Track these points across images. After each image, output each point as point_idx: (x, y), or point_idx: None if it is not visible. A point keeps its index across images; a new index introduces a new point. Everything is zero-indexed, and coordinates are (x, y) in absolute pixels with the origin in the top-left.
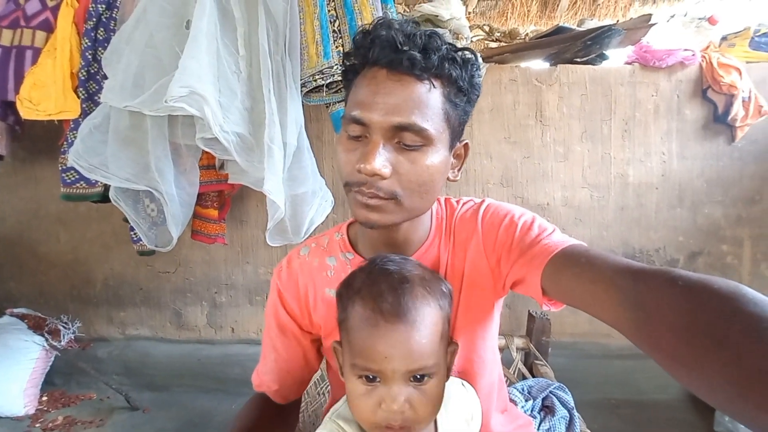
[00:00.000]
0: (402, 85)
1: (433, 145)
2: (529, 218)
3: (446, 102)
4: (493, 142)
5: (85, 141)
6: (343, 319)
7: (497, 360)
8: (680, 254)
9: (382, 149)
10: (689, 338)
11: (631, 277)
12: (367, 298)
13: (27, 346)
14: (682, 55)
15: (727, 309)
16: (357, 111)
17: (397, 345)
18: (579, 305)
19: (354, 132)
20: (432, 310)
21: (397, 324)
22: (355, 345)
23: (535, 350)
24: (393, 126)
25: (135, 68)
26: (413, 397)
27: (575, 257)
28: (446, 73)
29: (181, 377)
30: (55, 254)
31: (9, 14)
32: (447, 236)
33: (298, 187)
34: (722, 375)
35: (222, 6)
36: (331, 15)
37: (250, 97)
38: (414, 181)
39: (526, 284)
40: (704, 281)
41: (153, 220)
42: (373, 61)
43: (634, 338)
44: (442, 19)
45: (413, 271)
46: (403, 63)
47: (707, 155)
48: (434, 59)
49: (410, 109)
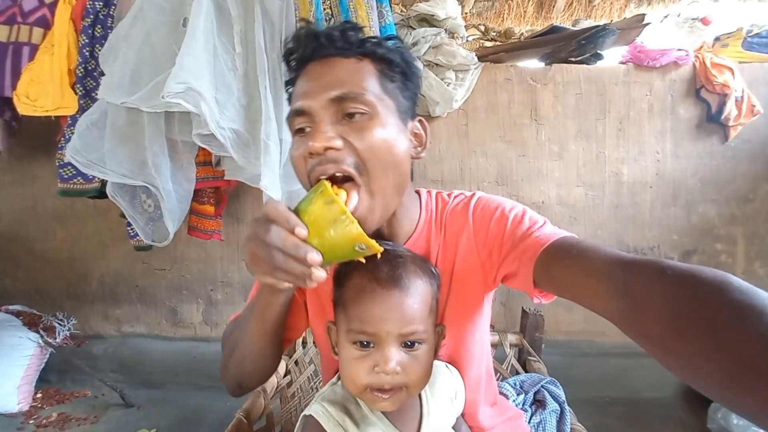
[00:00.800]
0: (329, 65)
1: (378, 115)
2: (520, 211)
3: (379, 74)
4: (489, 141)
5: (82, 137)
6: (340, 295)
7: (486, 353)
8: (675, 253)
9: (326, 126)
10: (678, 326)
11: (622, 268)
12: (364, 270)
13: (22, 343)
14: (675, 55)
15: (715, 297)
16: (295, 103)
17: (392, 308)
18: (571, 296)
19: (297, 124)
20: (423, 283)
21: (392, 289)
22: (352, 312)
23: (528, 346)
24: (330, 100)
25: (132, 65)
26: (405, 361)
27: (567, 249)
28: (370, 49)
29: (176, 374)
30: (52, 251)
31: (5, 10)
32: (438, 229)
33: (294, 183)
34: (710, 362)
35: (219, 4)
36: (327, 13)
37: (247, 94)
38: (371, 148)
39: (518, 277)
40: (692, 270)
41: (150, 216)
42: (303, 61)
43: (624, 327)
44: (438, 18)
45: (406, 251)
46: (324, 45)
47: (701, 154)
48: (353, 36)
49: (342, 80)
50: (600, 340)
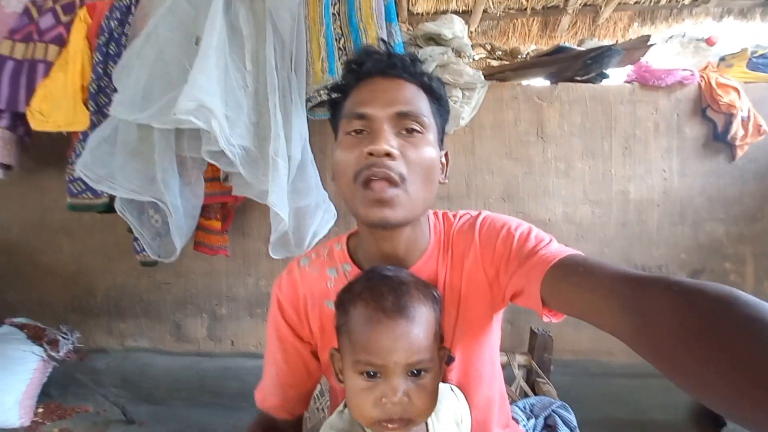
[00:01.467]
0: (396, 84)
1: (428, 134)
2: (526, 229)
3: (430, 103)
4: (495, 158)
5: (93, 152)
6: (344, 323)
7: (497, 375)
8: (683, 271)
9: (389, 135)
10: (686, 342)
11: (629, 285)
12: (369, 299)
13: (25, 357)
14: (680, 75)
15: (722, 311)
16: (359, 108)
17: (399, 338)
18: (579, 314)
19: (357, 126)
20: (427, 309)
21: (398, 319)
22: (358, 342)
23: (537, 367)
24: (395, 113)
25: (144, 82)
26: (412, 390)
27: (573, 266)
28: (427, 82)
29: (178, 390)
30: (58, 264)
31: (22, 28)
32: (445, 250)
33: (301, 199)
34: (720, 377)
35: (231, 23)
36: (337, 33)
37: (256, 111)
38: (418, 164)
39: (526, 295)
40: (699, 286)
41: (157, 231)
42: (366, 74)
43: (633, 345)
44: (445, 38)
45: (408, 277)
46: (396, 66)
47: (708, 173)
48: (419, 68)
49: (407, 100)
50: (607, 360)
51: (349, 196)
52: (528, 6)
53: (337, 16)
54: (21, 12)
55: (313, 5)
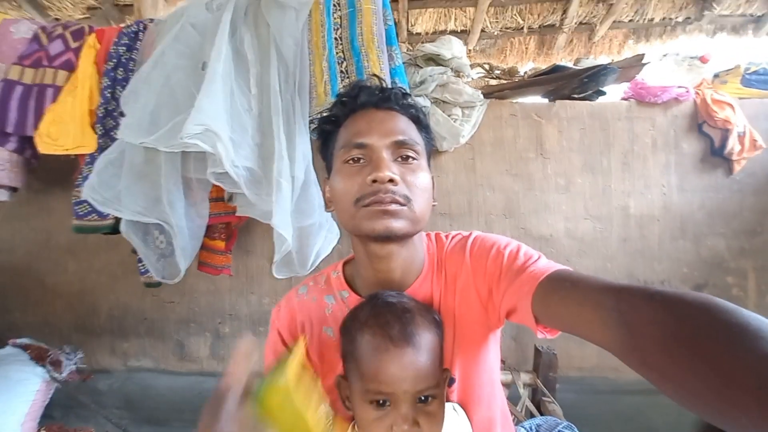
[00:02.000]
0: (391, 115)
1: (422, 161)
2: (515, 247)
3: (419, 132)
4: (495, 175)
5: (100, 175)
6: (351, 351)
7: (498, 395)
8: (686, 286)
9: (390, 163)
10: (670, 351)
11: (613, 296)
12: (375, 327)
13: (28, 378)
14: (676, 92)
15: (701, 319)
16: (358, 138)
17: (407, 367)
18: (569, 329)
19: (355, 155)
20: (431, 335)
21: (405, 348)
22: (367, 371)
23: (542, 386)
24: (393, 143)
25: (152, 107)
26: (421, 417)
27: (561, 281)
28: (415, 114)
29: (181, 412)
30: (62, 284)
31: (32, 54)
32: (438, 271)
33: (305, 219)
34: (701, 383)
35: (236, 48)
36: (339, 56)
37: (261, 132)
38: (419, 187)
39: (519, 313)
40: (679, 295)
41: (161, 252)
42: (360, 105)
43: (621, 356)
44: (444, 58)
45: (411, 302)
46: (390, 99)
47: (707, 188)
48: (409, 100)
49: (402, 129)
50: (614, 377)
51: (349, 216)
52: (525, 25)
53: (339, 41)
54: (31, 38)
55: (316, 30)
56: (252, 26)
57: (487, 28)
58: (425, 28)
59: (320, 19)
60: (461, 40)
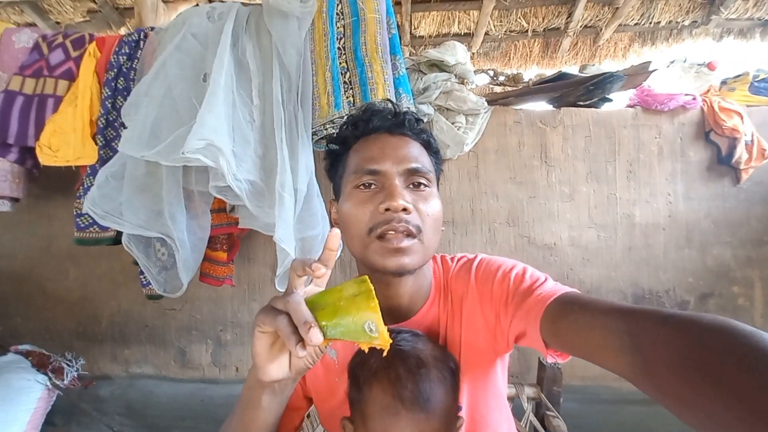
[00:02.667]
0: (404, 141)
1: (433, 188)
2: (521, 270)
3: (431, 159)
4: (499, 182)
5: (101, 188)
6: (358, 400)
7: (506, 419)
8: (691, 295)
9: (403, 191)
10: (687, 376)
11: (624, 320)
12: (386, 383)
13: (30, 386)
14: (683, 99)
15: (720, 344)
16: (371, 164)
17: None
18: (580, 354)
19: (367, 180)
20: (446, 392)
21: (418, 413)
22: (373, 430)
23: (546, 401)
24: (406, 170)
25: (152, 119)
26: None
27: (569, 304)
28: (426, 139)
29: (182, 419)
30: (64, 291)
31: (33, 64)
32: (445, 296)
33: (307, 230)
34: (726, 412)
35: (238, 58)
36: (342, 67)
37: (263, 144)
38: (430, 216)
39: (528, 338)
40: (693, 318)
41: (163, 264)
42: (372, 129)
43: (636, 383)
44: (448, 64)
45: (425, 350)
46: (404, 125)
47: (713, 196)
48: (420, 125)
49: (415, 157)
50: (617, 386)
51: (361, 247)
52: (529, 28)
53: (342, 51)
54: (31, 47)
55: (319, 40)
56: (254, 36)
57: (491, 31)
58: (428, 31)
59: (323, 28)
60: (464, 44)
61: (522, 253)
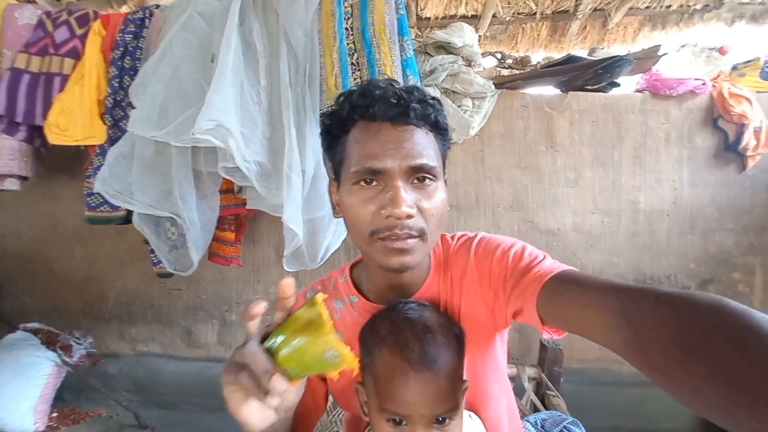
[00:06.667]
0: (407, 133)
1: (439, 180)
2: (520, 248)
3: (437, 142)
4: (504, 167)
5: (111, 167)
6: (369, 363)
7: (505, 391)
8: (692, 281)
9: (406, 194)
10: (678, 353)
11: (619, 297)
12: (394, 347)
13: (39, 362)
14: (692, 84)
15: (711, 322)
16: (371, 162)
17: (425, 393)
18: (575, 330)
19: (370, 178)
20: (452, 355)
21: (424, 373)
22: (385, 391)
23: (547, 380)
24: (410, 168)
25: (161, 99)
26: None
27: (566, 282)
28: (433, 119)
29: (189, 396)
30: (70, 270)
31: (38, 41)
32: (444, 273)
33: (315, 211)
34: (713, 387)
35: (245, 38)
36: (350, 48)
37: (270, 126)
38: (435, 214)
39: (525, 314)
40: (686, 296)
41: (173, 244)
42: (372, 116)
43: (627, 358)
44: (455, 46)
45: (432, 318)
46: (408, 114)
47: (718, 183)
48: (427, 109)
49: (419, 152)
50: (616, 369)
51: (364, 245)
52: (537, 11)
53: (350, 31)
54: (36, 24)
55: (326, 21)
56: (261, 15)
57: (498, 13)
58: (435, 12)
59: (331, 8)
60: (471, 26)
61: (525, 238)
